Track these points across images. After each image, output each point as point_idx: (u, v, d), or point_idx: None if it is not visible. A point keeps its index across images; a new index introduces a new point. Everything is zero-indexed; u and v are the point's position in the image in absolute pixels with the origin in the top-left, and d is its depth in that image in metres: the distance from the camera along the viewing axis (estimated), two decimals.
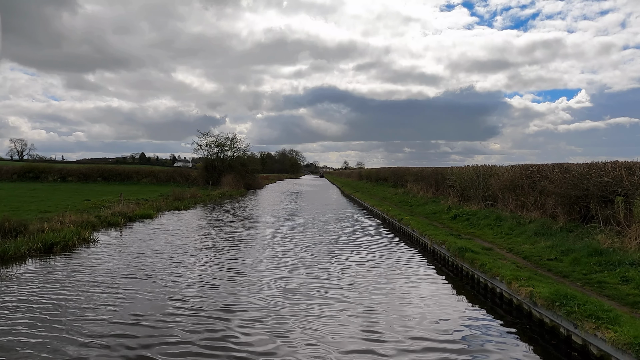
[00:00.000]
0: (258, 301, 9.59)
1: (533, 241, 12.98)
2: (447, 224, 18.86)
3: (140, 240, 17.26)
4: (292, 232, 20.08)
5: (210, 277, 11.75)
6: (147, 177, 58.56)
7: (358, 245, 16.63)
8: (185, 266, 12.97)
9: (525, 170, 17.25)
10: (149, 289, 10.40)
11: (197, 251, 15.17)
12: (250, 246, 16.28)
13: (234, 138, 60.21)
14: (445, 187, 27.50)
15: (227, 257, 14.18)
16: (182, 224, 22.59)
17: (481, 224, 16.89)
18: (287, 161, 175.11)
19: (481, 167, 21.21)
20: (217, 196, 41.99)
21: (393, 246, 16.67)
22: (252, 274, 11.89)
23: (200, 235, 18.60)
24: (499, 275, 9.28)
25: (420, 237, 16.44)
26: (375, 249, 15.78)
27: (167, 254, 14.42)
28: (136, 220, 23.02)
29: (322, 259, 13.83)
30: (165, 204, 30.35)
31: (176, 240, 17.17)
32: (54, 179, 57.58)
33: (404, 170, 40.70)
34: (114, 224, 20.84)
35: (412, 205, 27.87)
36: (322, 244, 16.67)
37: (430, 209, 23.99)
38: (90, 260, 13.30)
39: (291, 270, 12.36)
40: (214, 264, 13.36)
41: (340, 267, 12.80)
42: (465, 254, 11.33)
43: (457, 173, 24.70)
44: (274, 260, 13.59)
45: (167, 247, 15.78)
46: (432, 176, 29.97)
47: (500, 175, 19.16)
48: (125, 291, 10.12)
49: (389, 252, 15.27)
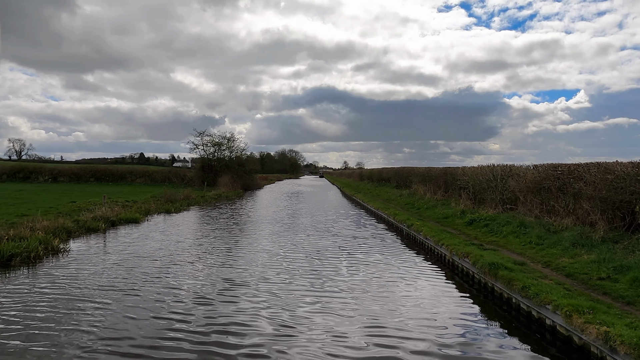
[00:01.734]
0: (258, 323, 7.71)
1: (572, 254, 11.03)
2: (462, 231, 16.91)
3: (120, 248, 15.32)
4: (290, 239, 18.13)
5: (199, 293, 9.90)
6: (142, 178, 56.59)
7: (365, 255, 14.68)
8: (171, 279, 11.08)
9: (553, 170, 15.30)
10: (123, 311, 8.48)
11: (184, 261, 13.24)
12: (245, 256, 14.32)
13: (231, 137, 58.29)
14: (456, 189, 25.56)
15: (219, 268, 12.24)
16: (172, 228, 20.63)
17: (503, 231, 14.94)
18: (286, 161, 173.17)
19: (498, 167, 19.26)
20: (212, 197, 40.02)
21: (404, 256, 14.72)
22: (250, 289, 9.95)
23: (189, 242, 16.64)
24: (549, 302, 7.33)
25: (435, 247, 14.49)
26: (384, 261, 13.83)
27: (149, 265, 12.48)
28: (120, 225, 21.08)
29: (325, 272, 11.88)
30: (156, 206, 28.40)
31: (162, 248, 15.22)
32: (45, 179, 55.66)
33: (408, 171, 38.72)
34: (94, 230, 18.88)
35: (419, 208, 25.91)
36: (324, 254, 14.72)
37: (440, 212, 22.04)
38: (54, 274, 11.33)
39: (292, 285, 10.42)
40: (205, 276, 11.46)
41: (347, 281, 10.86)
42: (499, 272, 9.38)
43: (469, 173, 22.75)
44: (274, 271, 11.65)
45: (150, 256, 13.83)
46: (440, 177, 28.02)
47: (521, 176, 17.21)
48: (91, 315, 8.18)
49: (400, 264, 13.32)
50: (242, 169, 57.37)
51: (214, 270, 12.24)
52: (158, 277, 11.36)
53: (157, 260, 13.35)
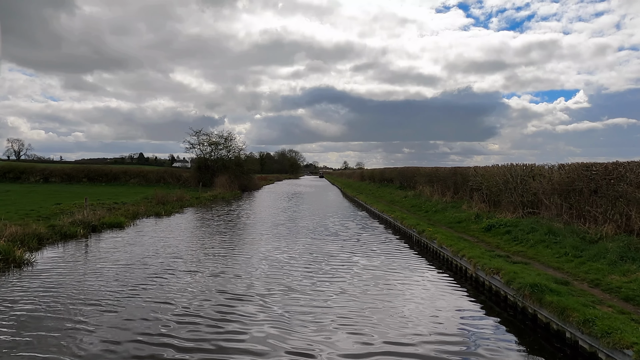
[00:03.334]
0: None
1: (623, 270, 9.24)
2: (481, 238, 15.13)
3: (95, 258, 13.54)
4: (290, 247, 16.34)
5: (184, 313, 8.13)
6: (136, 178, 54.71)
7: (371, 266, 12.89)
8: (151, 296, 9.33)
9: (585, 170, 13.52)
10: (87, 336, 6.71)
11: (169, 272, 11.47)
12: (240, 267, 12.52)
13: (228, 136, 56.39)
14: (467, 190, 23.79)
15: (208, 280, 10.44)
16: (159, 234, 18.83)
17: (530, 240, 13.15)
18: (286, 161, 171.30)
19: (518, 167, 17.46)
20: (207, 199, 38.19)
21: (417, 269, 12.93)
22: (249, 306, 8.17)
23: (176, 250, 14.83)
24: (630, 347, 5.55)
25: (453, 258, 12.70)
26: (394, 275, 12.05)
27: (124, 280, 10.69)
28: (103, 230, 19.28)
29: (329, 289, 10.09)
30: (145, 208, 26.57)
31: (143, 258, 13.43)
32: (36, 179, 53.81)
33: (413, 171, 36.92)
34: (71, 236, 17.07)
35: (427, 211, 24.13)
36: (326, 267, 12.94)
37: (451, 216, 20.25)
38: (9, 291, 9.53)
39: (295, 300, 8.64)
40: (191, 293, 9.65)
41: (357, 298, 9.08)
42: (545, 297, 7.59)
43: (483, 174, 20.97)
44: (273, 285, 9.87)
45: (127, 269, 12.04)
46: (449, 177, 26.23)
47: (546, 176, 15.43)
48: (44, 342, 6.40)
49: (414, 280, 11.53)
50: (240, 169, 55.52)
51: (202, 283, 10.45)
52: (135, 292, 9.58)
53: (135, 272, 11.56)
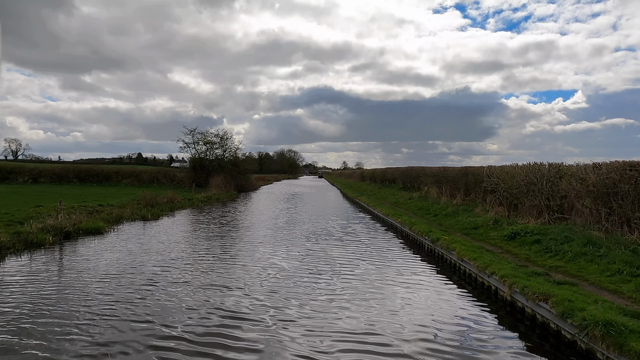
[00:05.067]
0: None
1: None
2: (504, 248, 13.18)
3: (59, 271, 11.58)
4: (288, 256, 14.38)
5: (167, 335, 6.19)
6: (129, 179, 52.67)
7: (380, 281, 10.94)
8: (127, 316, 7.33)
9: (629, 169, 11.57)
10: None
11: (149, 285, 9.50)
12: (229, 282, 10.55)
13: (224, 135, 54.34)
14: (480, 192, 21.85)
15: (196, 298, 8.48)
16: (142, 240, 16.84)
17: (567, 252, 11.19)
18: (285, 161, 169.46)
19: (544, 166, 15.49)
20: (200, 200, 36.19)
21: (436, 289, 10.97)
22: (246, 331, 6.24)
23: (159, 259, 12.86)
24: None
25: (479, 274, 10.73)
26: (409, 295, 10.10)
27: (95, 296, 8.73)
28: (78, 237, 17.32)
29: (335, 312, 8.14)
30: (131, 211, 24.60)
31: (121, 269, 11.47)
32: (25, 180, 51.82)
33: (418, 171, 34.97)
34: (38, 244, 15.11)
35: (436, 214, 22.18)
36: (327, 283, 10.98)
37: (465, 221, 18.29)
38: None
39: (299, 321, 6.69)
40: (175, 311, 7.67)
41: (362, 319, 7.13)
42: (628, 343, 5.62)
43: (498, 173, 19.02)
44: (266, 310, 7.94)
45: (101, 283, 10.08)
46: (459, 178, 24.28)
47: (579, 177, 13.48)
48: None
49: (433, 303, 9.58)
50: (236, 169, 53.53)
51: (190, 298, 8.48)
52: (108, 310, 7.61)
53: (110, 285, 9.59)
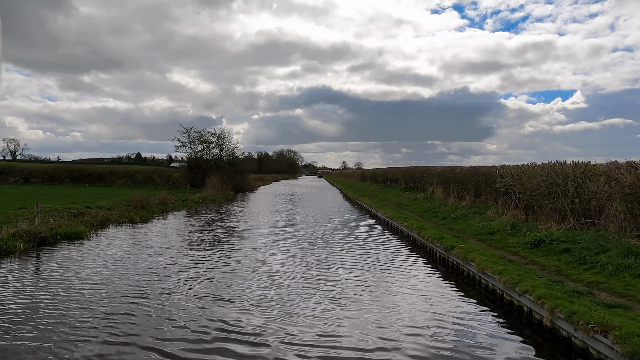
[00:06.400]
0: None
1: None
2: (529, 258, 11.66)
3: (23, 286, 10.04)
4: (284, 259, 12.86)
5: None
6: (122, 179, 51.14)
7: (391, 297, 9.43)
8: (104, 337, 5.88)
9: None
10: None
11: (133, 304, 7.98)
12: (221, 295, 9.03)
13: (220, 134, 52.80)
14: (491, 193, 20.36)
15: (179, 315, 6.97)
16: (126, 245, 15.31)
17: (605, 264, 9.68)
18: (284, 161, 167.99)
19: (569, 166, 13.94)
20: (195, 201, 34.69)
21: (465, 309, 9.47)
22: None
23: (142, 268, 11.33)
24: None
25: (505, 291, 9.21)
26: (429, 313, 8.59)
27: (69, 312, 7.22)
28: (56, 243, 15.84)
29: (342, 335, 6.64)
30: (118, 214, 23.07)
31: (98, 279, 9.93)
32: (15, 180, 50.33)
33: (422, 171, 33.45)
34: (7, 252, 13.58)
35: (445, 217, 20.67)
36: (330, 299, 9.47)
37: (478, 225, 16.77)
38: None
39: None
40: (157, 330, 6.18)
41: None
42: None
43: (514, 173, 17.51)
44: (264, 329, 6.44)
45: (76, 294, 8.55)
46: (468, 178, 22.76)
47: (612, 177, 11.97)
48: None
49: (456, 327, 8.07)
50: (234, 169, 52.01)
51: (173, 315, 6.97)
52: (83, 329, 6.11)
53: (85, 297, 8.07)
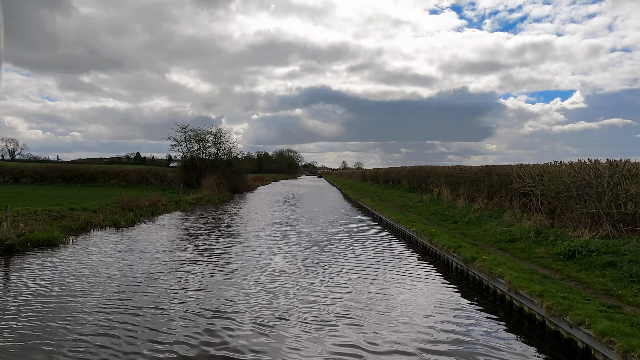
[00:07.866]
0: None
1: None
2: (563, 272, 9.98)
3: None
4: (283, 279, 11.17)
5: None
6: (115, 179, 49.36)
7: (404, 314, 7.75)
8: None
9: None
10: None
11: (103, 321, 6.33)
12: (215, 311, 7.35)
13: (217, 133, 51.09)
14: (506, 195, 18.68)
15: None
16: (103, 252, 13.62)
17: None
18: (284, 161, 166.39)
19: (604, 165, 12.25)
20: (189, 202, 32.99)
21: (481, 324, 7.78)
22: None
23: (121, 279, 9.64)
24: None
25: (552, 320, 7.51)
26: (443, 333, 6.91)
27: (34, 333, 5.58)
28: (25, 250, 14.17)
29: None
30: (103, 216, 21.40)
31: (73, 291, 8.25)
32: (5, 180, 48.63)
33: (427, 170, 31.76)
34: None
35: (456, 221, 18.99)
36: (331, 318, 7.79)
37: (495, 230, 15.10)
38: None
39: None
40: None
41: None
42: None
43: (534, 173, 15.83)
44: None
45: (32, 311, 6.88)
46: (481, 178, 21.08)
47: None
48: None
49: None
50: (231, 169, 50.32)
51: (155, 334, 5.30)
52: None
53: (52, 314, 6.40)
